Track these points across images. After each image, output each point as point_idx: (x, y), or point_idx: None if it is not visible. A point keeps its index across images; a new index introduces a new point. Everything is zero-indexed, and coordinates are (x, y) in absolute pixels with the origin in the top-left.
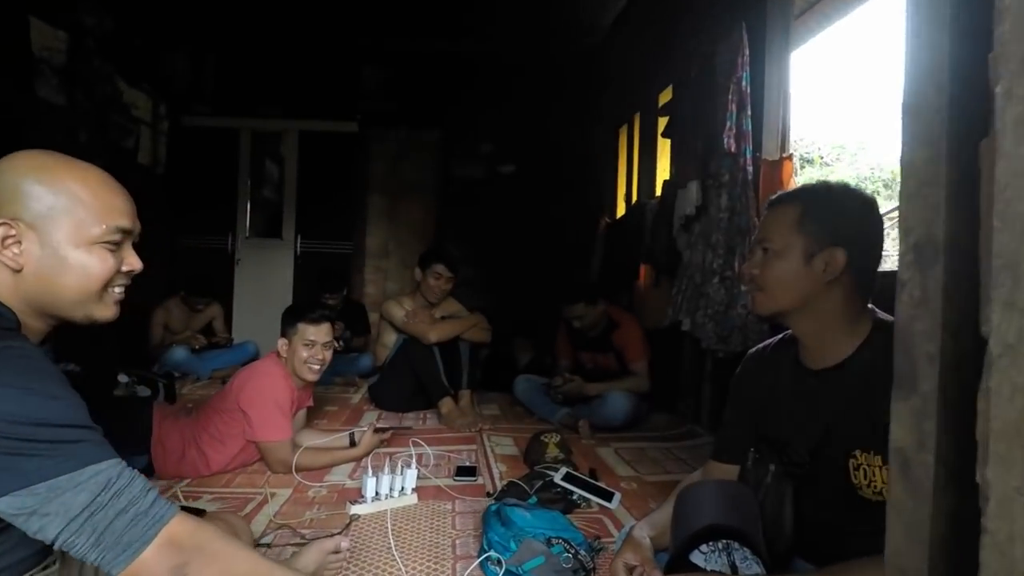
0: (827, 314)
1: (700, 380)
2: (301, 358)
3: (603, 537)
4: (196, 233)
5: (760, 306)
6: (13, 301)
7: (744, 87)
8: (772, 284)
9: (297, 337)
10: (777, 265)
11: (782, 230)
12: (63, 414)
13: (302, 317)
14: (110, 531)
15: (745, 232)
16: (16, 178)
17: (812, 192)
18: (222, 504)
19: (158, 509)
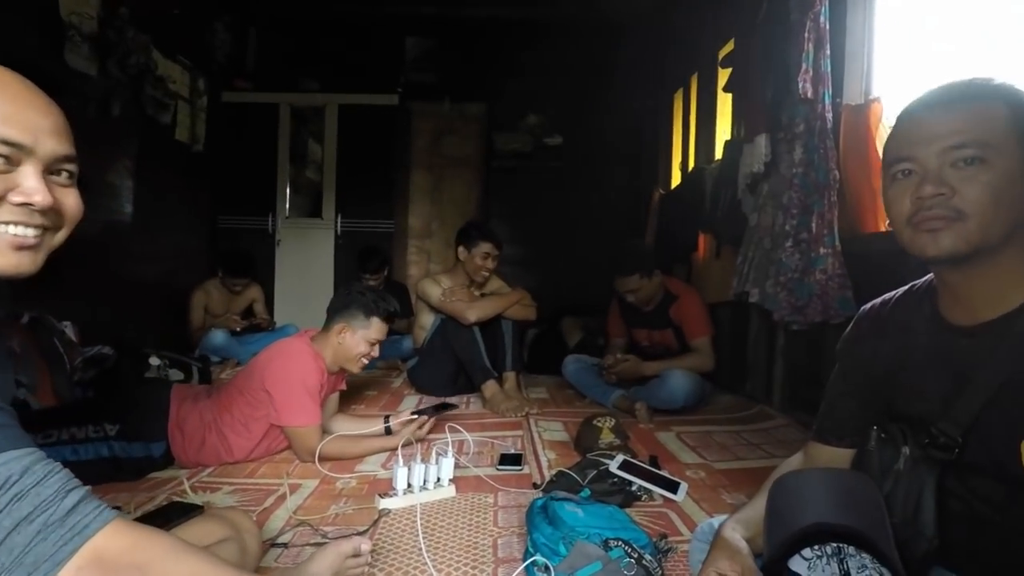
0: (1015, 254)
1: (771, 356)
2: (360, 352)
3: (670, 536)
4: (236, 213)
5: (956, 240)
6: None
7: (823, 23)
8: (983, 207)
9: (365, 332)
10: (990, 179)
11: (991, 131)
12: None
13: (377, 311)
14: (5, 548)
15: (824, 188)
16: None
17: (1004, 88)
18: (241, 497)
19: (81, 517)
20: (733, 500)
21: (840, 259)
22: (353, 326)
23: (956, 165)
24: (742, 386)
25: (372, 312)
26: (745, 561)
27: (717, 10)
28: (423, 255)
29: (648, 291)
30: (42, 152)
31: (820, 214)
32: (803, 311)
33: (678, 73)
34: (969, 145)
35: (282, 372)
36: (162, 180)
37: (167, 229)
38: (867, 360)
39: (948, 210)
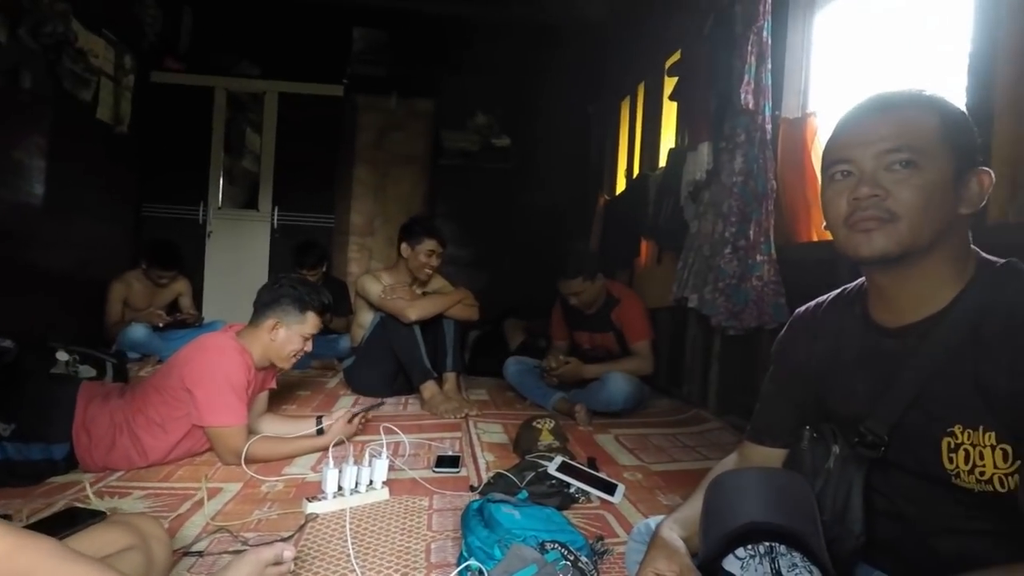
0: (942, 257)
1: (708, 361)
2: (293, 348)
3: (607, 537)
4: (164, 202)
5: (887, 241)
6: None
7: (765, 37)
8: (915, 209)
9: (300, 327)
10: (922, 183)
11: (925, 137)
12: None
13: (312, 304)
14: None
15: (762, 197)
16: None
17: (935, 99)
18: (153, 502)
19: None
20: (669, 501)
21: (775, 266)
22: (287, 321)
23: (891, 168)
24: (679, 390)
25: (307, 306)
26: (683, 561)
27: (666, 20)
28: (364, 252)
29: (591, 294)
30: None
31: (758, 222)
32: (739, 316)
33: (626, 80)
34: (903, 149)
35: (206, 369)
36: (80, 161)
37: (84, 215)
38: (800, 361)
39: (882, 211)
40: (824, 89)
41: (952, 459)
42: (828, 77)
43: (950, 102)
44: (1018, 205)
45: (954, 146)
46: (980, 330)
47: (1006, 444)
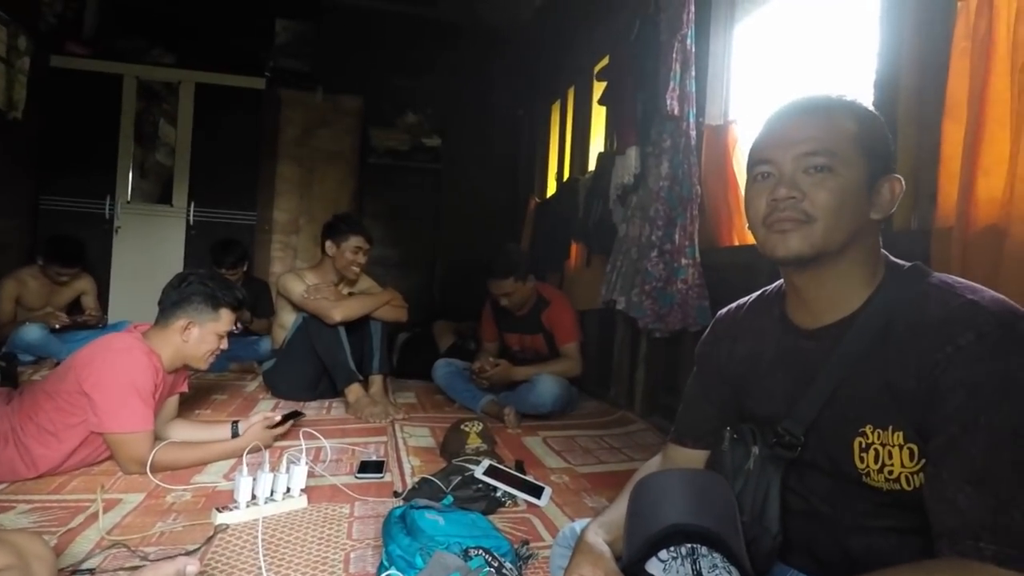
0: (854, 259)
1: (634, 363)
2: (207, 348)
3: (532, 541)
4: (64, 194)
5: (800, 243)
6: None
7: (689, 45)
8: (829, 212)
9: (214, 324)
10: (837, 186)
11: (841, 142)
12: None
13: (225, 300)
14: None
15: (687, 202)
16: None
17: (854, 104)
18: (40, 517)
19: None
20: (595, 504)
21: (699, 270)
22: (199, 320)
23: (808, 171)
24: (606, 391)
25: (219, 303)
26: (608, 565)
27: (594, 26)
28: (289, 251)
29: (521, 295)
30: None
31: (683, 226)
32: (665, 319)
33: (556, 84)
34: (820, 153)
35: (107, 372)
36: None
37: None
38: (722, 363)
39: (798, 212)
40: (745, 97)
41: (863, 458)
42: (748, 85)
43: (868, 108)
44: (920, 213)
45: (869, 152)
46: (889, 331)
47: (913, 444)
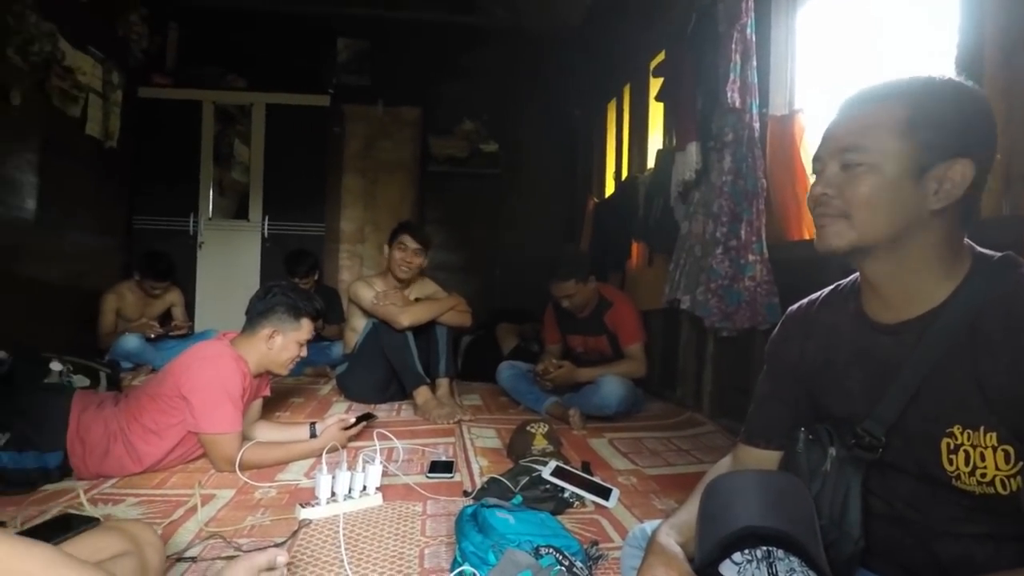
0: (922, 252)
1: (701, 363)
2: (289, 355)
3: (602, 542)
4: (154, 214)
5: (835, 238)
6: None
7: (749, 35)
8: (861, 207)
9: (295, 333)
10: (870, 181)
11: (879, 135)
12: None
13: (306, 311)
14: None
15: (753, 196)
16: None
17: (917, 86)
18: (147, 509)
19: None
20: (664, 506)
21: (767, 266)
22: (283, 329)
23: (845, 167)
24: (672, 393)
25: (301, 313)
26: (681, 567)
27: (649, 21)
28: (355, 259)
29: (583, 297)
30: None
31: (749, 222)
32: (732, 317)
33: (612, 83)
34: (855, 149)
35: (202, 377)
36: (70, 176)
37: (76, 228)
38: (794, 361)
39: (834, 209)
40: (812, 84)
41: (952, 460)
42: (816, 72)
43: (938, 88)
44: (1012, 198)
45: (919, 140)
46: (978, 327)
47: (1008, 445)
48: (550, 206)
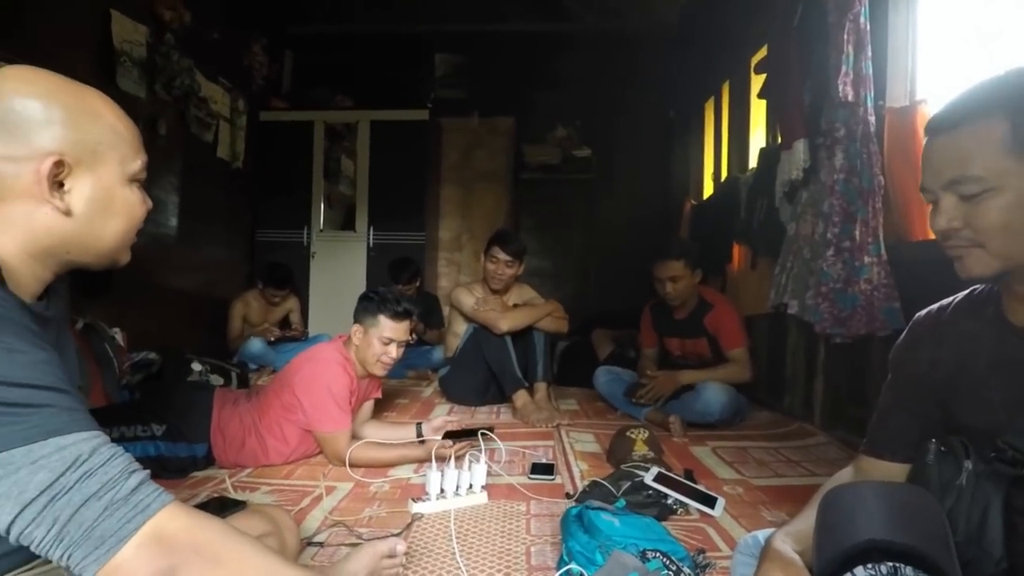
0: None
1: (811, 371)
2: (374, 352)
3: (708, 551)
4: (273, 227)
5: (977, 267)
6: (16, 246)
7: (863, 23)
8: (996, 235)
9: (375, 330)
10: (996, 206)
11: (986, 159)
12: (23, 371)
13: (384, 309)
14: (75, 521)
15: (868, 194)
16: (39, 102)
17: (1005, 91)
18: (278, 497)
19: (142, 496)
20: (774, 517)
21: (886, 268)
22: (366, 326)
23: (963, 197)
24: (779, 402)
25: (378, 310)
26: (800, 574)
27: (749, 16)
28: (453, 267)
29: (686, 285)
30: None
31: (864, 221)
32: (846, 323)
33: (708, 81)
34: (965, 181)
35: (310, 378)
36: (204, 195)
37: (208, 242)
38: (923, 370)
39: (964, 240)
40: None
41: None
42: (939, 58)
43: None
44: None
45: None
46: None
47: None
48: (644, 210)
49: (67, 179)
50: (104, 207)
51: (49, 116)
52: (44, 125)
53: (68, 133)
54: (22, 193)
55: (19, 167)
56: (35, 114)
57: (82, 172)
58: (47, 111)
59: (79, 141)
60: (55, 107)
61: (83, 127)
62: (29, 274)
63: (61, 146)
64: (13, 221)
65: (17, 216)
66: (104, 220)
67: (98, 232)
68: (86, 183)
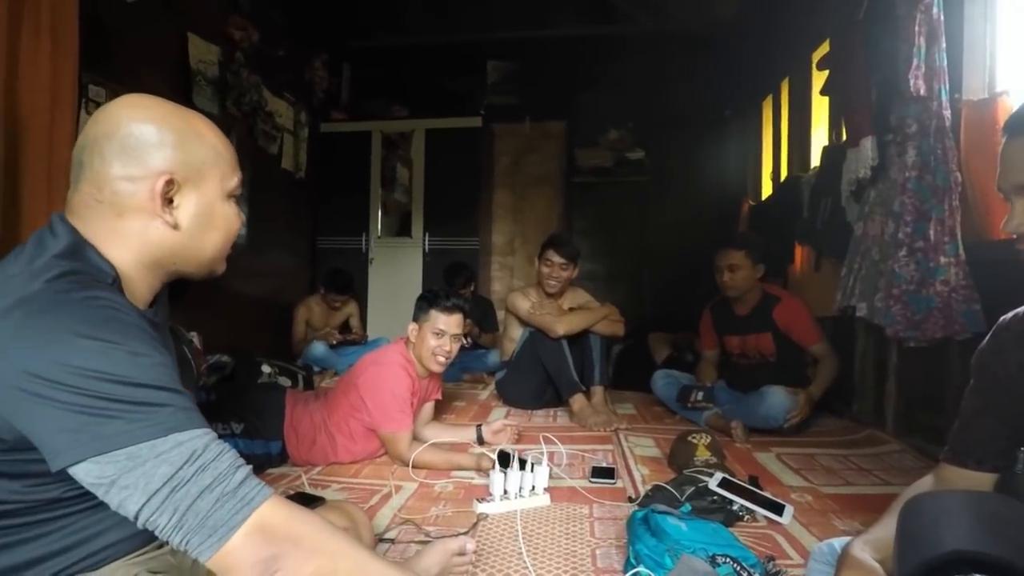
0: None
1: (882, 376)
2: (428, 347)
3: (778, 558)
4: (333, 234)
5: None
6: (132, 257)
7: (936, 14)
8: None
9: (427, 324)
10: None
11: None
12: (147, 373)
13: (435, 304)
14: (192, 511)
15: (944, 192)
16: (154, 127)
17: None
18: (348, 495)
19: (248, 490)
20: (846, 527)
21: (965, 269)
22: (420, 323)
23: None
24: (847, 407)
25: (430, 306)
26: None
27: (809, 11)
28: (506, 271)
29: (744, 276)
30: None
31: (939, 220)
32: (921, 326)
33: (766, 79)
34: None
35: (374, 380)
36: (270, 205)
37: (273, 250)
38: (1009, 374)
39: None
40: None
41: None
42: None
43: None
44: None
45: None
46: None
47: None
48: (700, 211)
49: (176, 195)
50: (206, 221)
51: (162, 139)
52: (157, 147)
53: (177, 154)
54: (137, 209)
55: (136, 186)
56: (150, 138)
57: (188, 189)
58: (160, 134)
59: (187, 161)
60: (167, 131)
61: (190, 148)
62: (142, 284)
63: (172, 166)
64: (129, 235)
65: (133, 230)
66: (206, 233)
67: (200, 244)
68: (192, 199)
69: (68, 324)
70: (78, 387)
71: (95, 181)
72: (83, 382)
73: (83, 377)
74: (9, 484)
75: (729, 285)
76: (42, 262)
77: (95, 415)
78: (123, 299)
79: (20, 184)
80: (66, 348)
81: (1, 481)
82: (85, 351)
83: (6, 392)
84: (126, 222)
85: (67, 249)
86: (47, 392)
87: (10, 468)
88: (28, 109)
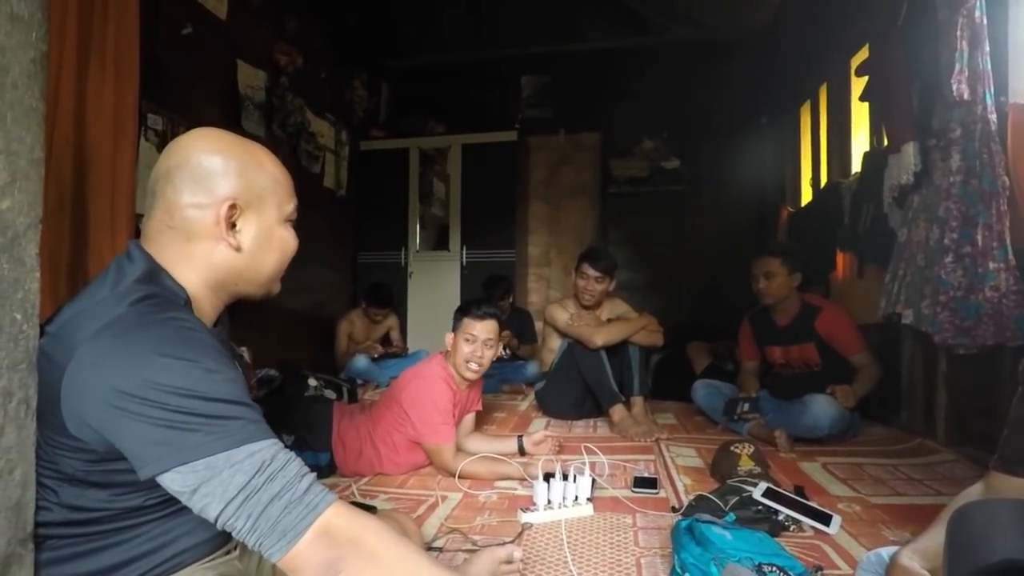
0: None
1: (931, 384)
2: (462, 354)
3: (826, 568)
4: (374, 249)
5: None
6: (199, 279)
7: (978, 18)
8: None
9: (460, 332)
10: None
11: None
12: (221, 388)
13: (468, 312)
14: (265, 516)
15: (991, 196)
16: (220, 157)
17: None
18: (396, 504)
19: (313, 496)
20: (896, 537)
21: (1015, 274)
22: (455, 332)
23: None
24: (895, 416)
25: (464, 314)
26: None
27: (847, 17)
28: (542, 282)
29: (780, 284)
30: None
31: (987, 225)
32: (971, 333)
33: (804, 85)
34: None
35: (417, 393)
36: (313, 222)
37: (317, 265)
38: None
39: None
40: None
41: None
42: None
43: None
44: None
45: None
46: None
47: None
48: (737, 219)
49: (238, 220)
50: (265, 243)
51: (227, 168)
52: (223, 176)
53: (240, 182)
54: (204, 234)
55: (203, 212)
56: (216, 167)
57: (250, 214)
58: (225, 164)
59: (248, 188)
60: (231, 160)
61: (251, 176)
62: (208, 304)
63: (235, 193)
64: (197, 257)
65: (200, 253)
66: (265, 255)
67: (260, 265)
68: (252, 223)
69: (151, 344)
70: (162, 403)
71: (167, 208)
72: (166, 398)
73: (166, 393)
74: (98, 493)
75: (765, 292)
76: (124, 287)
77: (177, 428)
78: (195, 319)
79: (87, 210)
80: (150, 367)
81: (91, 490)
82: (167, 369)
83: (99, 408)
84: (194, 246)
85: (144, 274)
86: (135, 408)
87: (101, 478)
88: (95, 139)
